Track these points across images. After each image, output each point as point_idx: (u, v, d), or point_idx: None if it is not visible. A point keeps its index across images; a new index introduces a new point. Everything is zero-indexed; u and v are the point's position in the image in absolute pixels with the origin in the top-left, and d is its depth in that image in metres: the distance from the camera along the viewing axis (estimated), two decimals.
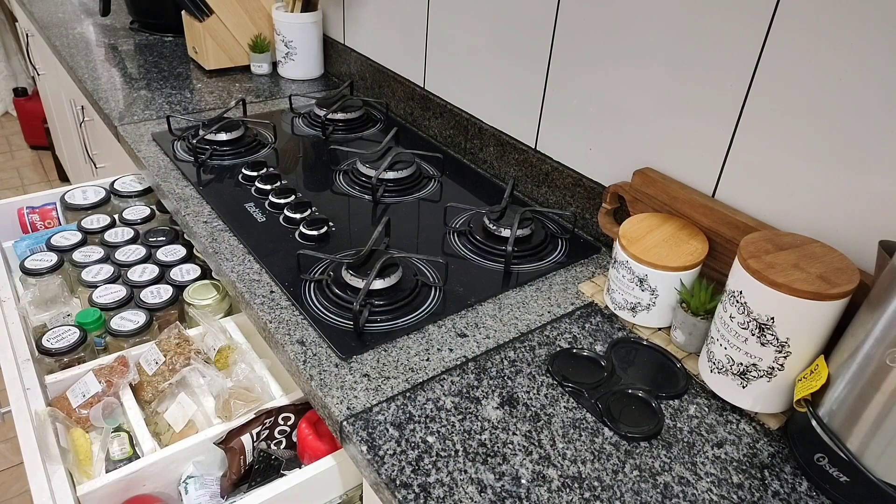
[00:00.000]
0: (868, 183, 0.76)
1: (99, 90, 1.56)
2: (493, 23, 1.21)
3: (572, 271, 1.04)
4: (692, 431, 0.77)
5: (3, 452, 1.89)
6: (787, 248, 0.75)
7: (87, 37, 1.92)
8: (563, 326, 0.92)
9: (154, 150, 1.32)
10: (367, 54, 1.61)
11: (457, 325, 0.91)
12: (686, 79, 0.92)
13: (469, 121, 1.33)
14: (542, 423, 0.77)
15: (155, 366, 0.95)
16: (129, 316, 1.05)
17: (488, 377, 0.83)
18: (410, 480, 0.69)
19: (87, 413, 0.90)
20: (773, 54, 0.81)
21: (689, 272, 0.87)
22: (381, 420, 0.75)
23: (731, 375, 0.78)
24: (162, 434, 0.91)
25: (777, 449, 0.76)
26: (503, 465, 0.71)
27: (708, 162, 0.92)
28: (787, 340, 0.72)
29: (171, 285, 1.12)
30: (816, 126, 0.79)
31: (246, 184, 1.22)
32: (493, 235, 1.07)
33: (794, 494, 0.71)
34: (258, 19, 1.71)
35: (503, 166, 1.28)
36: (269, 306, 0.91)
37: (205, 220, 1.10)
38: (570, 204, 1.15)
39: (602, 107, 1.06)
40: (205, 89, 1.62)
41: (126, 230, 1.24)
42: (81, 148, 2.04)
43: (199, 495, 0.84)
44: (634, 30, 0.97)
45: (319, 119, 1.44)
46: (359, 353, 0.84)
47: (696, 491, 0.70)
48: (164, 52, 1.84)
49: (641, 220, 0.94)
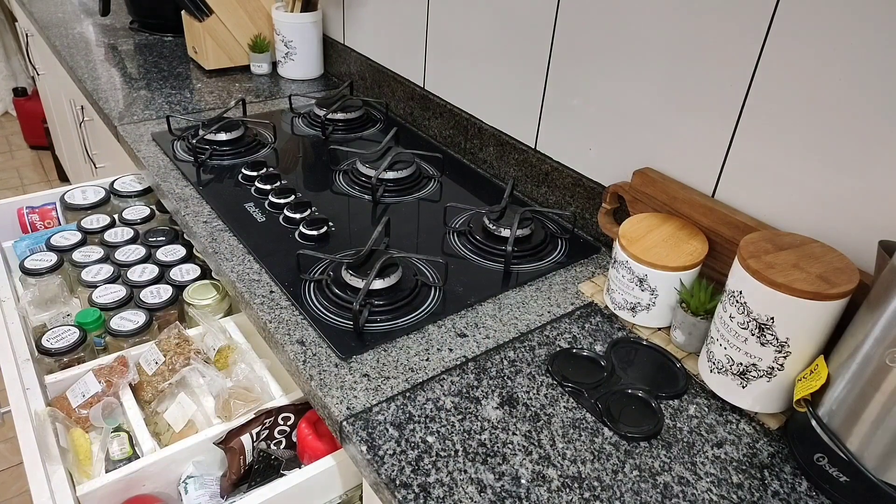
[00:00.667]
0: (868, 183, 0.76)
1: (99, 90, 1.56)
2: (493, 23, 1.21)
3: (572, 271, 1.04)
4: (692, 431, 0.77)
5: (3, 452, 1.89)
6: (786, 248, 0.75)
7: (86, 37, 1.92)
8: (563, 326, 0.92)
9: (154, 150, 1.32)
10: (366, 54, 1.61)
11: (456, 325, 0.91)
12: (686, 79, 0.92)
13: (469, 121, 1.33)
14: (542, 423, 0.77)
15: (155, 366, 0.95)
16: (129, 316, 1.05)
17: (488, 377, 0.83)
18: (410, 480, 0.69)
19: (86, 413, 0.90)
20: (773, 54, 0.81)
21: (688, 272, 0.87)
22: (380, 420, 0.75)
23: (730, 375, 0.78)
24: (162, 434, 0.91)
25: (777, 449, 0.76)
26: (503, 465, 0.71)
27: (708, 162, 0.92)
28: (786, 340, 0.72)
29: (171, 285, 1.12)
30: (816, 126, 0.79)
31: (246, 184, 1.22)
32: (493, 235, 1.07)
33: (794, 494, 0.71)
34: (258, 19, 1.71)
35: (503, 166, 1.28)
36: (268, 306, 0.91)
37: (204, 220, 1.10)
38: (570, 204, 1.15)
39: (602, 107, 1.06)
40: (204, 89, 1.62)
41: (126, 230, 1.24)
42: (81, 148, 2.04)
43: (199, 495, 0.84)
44: (634, 30, 0.97)
45: (319, 119, 1.44)
46: (359, 353, 0.84)
47: (696, 491, 0.70)
48: (163, 52, 1.84)
49: (641, 220, 0.94)
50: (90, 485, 0.78)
